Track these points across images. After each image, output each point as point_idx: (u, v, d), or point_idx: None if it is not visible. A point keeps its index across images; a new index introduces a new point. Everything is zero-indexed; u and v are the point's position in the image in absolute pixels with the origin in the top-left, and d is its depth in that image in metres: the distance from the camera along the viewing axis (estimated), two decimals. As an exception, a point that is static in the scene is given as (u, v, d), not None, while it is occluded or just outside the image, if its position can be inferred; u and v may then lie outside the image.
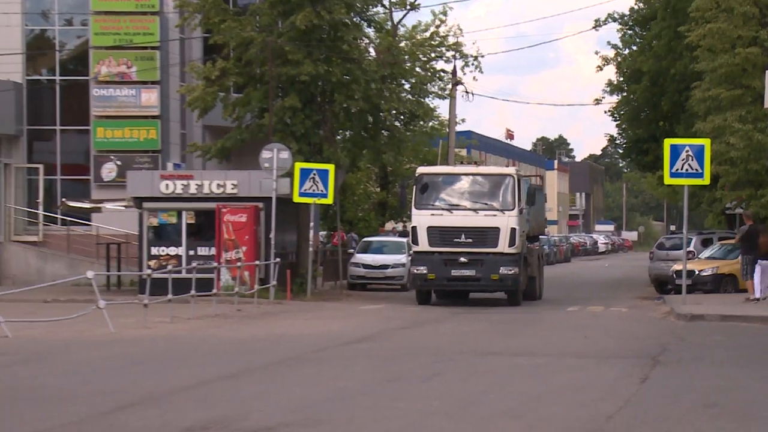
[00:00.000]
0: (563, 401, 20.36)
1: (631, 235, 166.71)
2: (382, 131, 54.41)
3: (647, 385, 22.58)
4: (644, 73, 61.92)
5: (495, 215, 41.28)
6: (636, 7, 64.82)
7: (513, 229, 40.95)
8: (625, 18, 66.26)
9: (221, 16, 50.46)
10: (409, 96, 56.41)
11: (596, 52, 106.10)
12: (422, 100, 58.75)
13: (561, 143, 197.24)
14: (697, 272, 48.70)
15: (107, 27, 53.78)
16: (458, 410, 19.28)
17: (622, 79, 67.43)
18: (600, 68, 69.12)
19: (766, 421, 18.06)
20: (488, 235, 41.10)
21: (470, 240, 41.00)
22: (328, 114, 51.82)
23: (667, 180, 43.04)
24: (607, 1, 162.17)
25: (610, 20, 66.79)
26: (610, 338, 33.09)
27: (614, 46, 68.39)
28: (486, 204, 41.90)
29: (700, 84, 49.26)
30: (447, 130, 67.31)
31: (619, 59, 67.20)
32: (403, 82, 55.79)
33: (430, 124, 64.63)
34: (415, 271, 42.78)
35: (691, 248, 51.60)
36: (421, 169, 44.79)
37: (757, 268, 43.12)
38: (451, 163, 58.99)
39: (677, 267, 47.75)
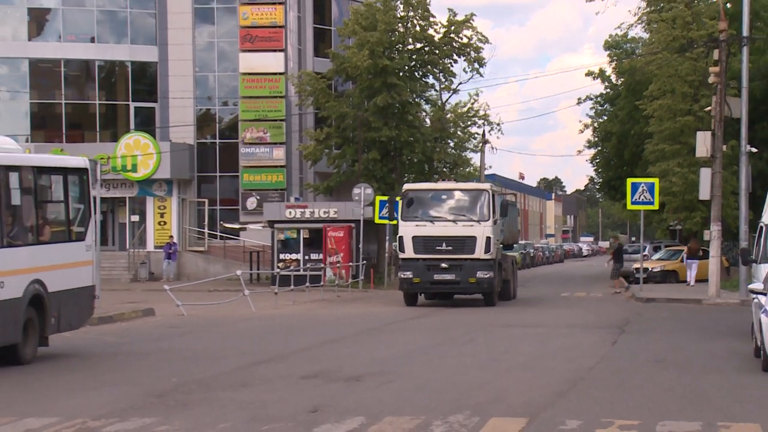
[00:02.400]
0: (558, 358, 20.45)
1: (604, 244, 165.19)
2: (434, 175, 54.31)
3: (616, 347, 22.76)
4: (613, 133, 61.49)
5: (472, 225, 33.59)
6: (605, 91, 64.49)
7: (488, 238, 33.21)
8: (597, 98, 65.93)
9: (326, 98, 50.90)
10: (453, 150, 56.38)
11: (580, 121, 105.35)
12: (462, 153, 58.79)
13: (556, 182, 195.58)
14: (650, 269, 48.45)
15: (250, 106, 53.97)
16: (486, 364, 19.32)
17: (597, 138, 67.04)
18: (581, 131, 69.01)
19: (698, 371, 18.11)
20: (466, 243, 33.36)
21: (450, 248, 33.34)
22: (398, 163, 51.94)
23: (629, 206, 42.74)
24: (586, 86, 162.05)
25: (588, 99, 66.59)
26: (591, 314, 32.84)
27: (591, 117, 68.11)
28: (464, 216, 34.10)
29: (652, 141, 48.99)
30: (479, 174, 67.21)
31: (595, 125, 66.81)
32: (449, 141, 55.74)
33: (467, 170, 64.32)
34: (402, 275, 34.71)
35: (646, 253, 51.25)
36: (407, 186, 37.57)
37: (692, 264, 43.34)
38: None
39: (636, 265, 47.17)
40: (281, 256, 47.58)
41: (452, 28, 51.86)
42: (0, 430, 12.51)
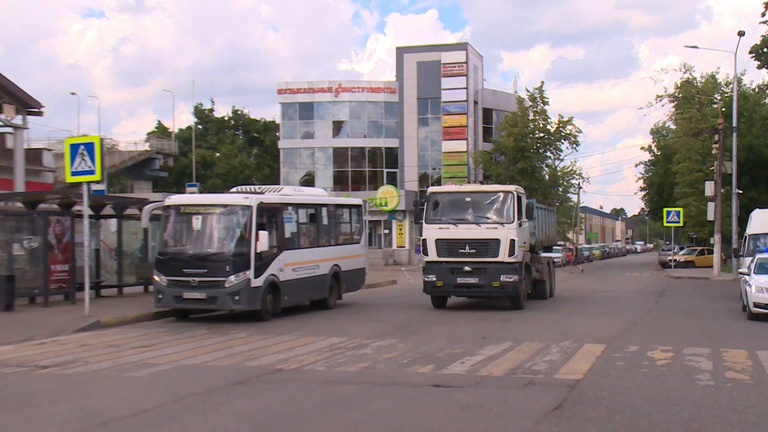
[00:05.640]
0: (625, 309, 19.76)
1: (650, 246, 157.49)
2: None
3: (658, 304, 21.71)
4: (655, 182, 59.37)
5: (496, 228, 19.53)
6: (651, 158, 62.02)
7: (512, 241, 19.40)
8: (647, 162, 63.43)
9: (489, 165, 50.71)
10: (561, 193, 54.95)
11: (635, 175, 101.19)
12: (566, 195, 57.22)
13: (621, 210, 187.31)
14: (677, 260, 46.09)
15: (448, 170, 53.88)
16: (581, 313, 18.81)
17: (646, 185, 64.54)
18: (636, 181, 66.84)
19: (708, 319, 17.28)
20: (490, 246, 19.53)
21: (474, 250, 19.53)
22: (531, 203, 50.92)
23: (665, 224, 41.51)
24: (640, 155, 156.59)
25: (641, 163, 64.36)
26: (642, 285, 31.48)
27: (642, 173, 65.41)
28: (487, 218, 19.81)
29: (678, 186, 47.62)
30: (576, 206, 65.52)
31: (645, 177, 64.40)
32: (559, 188, 54.32)
33: (569, 204, 62.54)
34: (426, 279, 20.10)
35: (675, 250, 49.28)
36: (432, 189, 21.49)
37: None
38: (576, 222, 57.45)
39: (669, 257, 45.83)
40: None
41: (561, 124, 50.86)
42: (317, 344, 12.91)
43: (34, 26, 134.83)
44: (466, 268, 19.09)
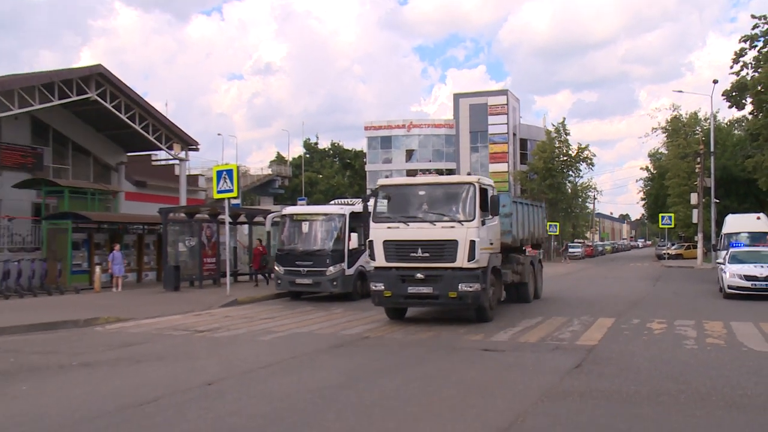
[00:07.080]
0: (628, 291, 18.75)
1: (649, 242, 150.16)
2: (571, 214, 51.62)
3: (655, 288, 20.69)
4: (652, 194, 56.92)
5: (453, 227, 10.22)
6: (648, 175, 59.40)
7: (472, 242, 10.15)
8: (646, 179, 60.68)
9: (525, 181, 49.32)
10: (580, 203, 53.28)
11: (637, 188, 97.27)
12: (585, 204, 55.44)
13: (627, 216, 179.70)
14: (670, 253, 44.48)
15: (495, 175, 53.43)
16: (596, 293, 17.99)
17: (645, 196, 61.85)
18: (637, 193, 64.18)
19: (693, 297, 16.40)
20: (446, 248, 10.25)
21: (427, 254, 10.31)
22: (556, 209, 49.45)
23: (660, 226, 40.26)
24: (641, 173, 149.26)
25: (641, 180, 61.78)
26: (642, 273, 29.92)
27: (641, 187, 62.54)
28: (443, 215, 10.45)
29: (670, 197, 45.77)
30: (592, 213, 63.35)
31: (644, 190, 61.72)
32: (579, 199, 52.64)
33: (587, 211, 60.44)
34: (374, 287, 10.90)
35: (668, 246, 47.26)
36: (381, 181, 11.53)
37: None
38: (592, 225, 55.29)
39: (664, 251, 44.33)
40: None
41: (579, 150, 49.54)
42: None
43: (196, 88, 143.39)
44: (419, 276, 10.83)
